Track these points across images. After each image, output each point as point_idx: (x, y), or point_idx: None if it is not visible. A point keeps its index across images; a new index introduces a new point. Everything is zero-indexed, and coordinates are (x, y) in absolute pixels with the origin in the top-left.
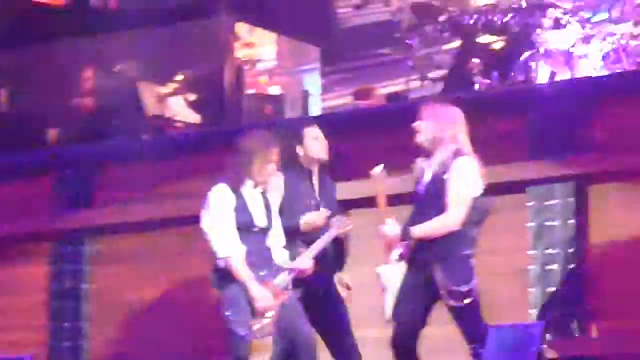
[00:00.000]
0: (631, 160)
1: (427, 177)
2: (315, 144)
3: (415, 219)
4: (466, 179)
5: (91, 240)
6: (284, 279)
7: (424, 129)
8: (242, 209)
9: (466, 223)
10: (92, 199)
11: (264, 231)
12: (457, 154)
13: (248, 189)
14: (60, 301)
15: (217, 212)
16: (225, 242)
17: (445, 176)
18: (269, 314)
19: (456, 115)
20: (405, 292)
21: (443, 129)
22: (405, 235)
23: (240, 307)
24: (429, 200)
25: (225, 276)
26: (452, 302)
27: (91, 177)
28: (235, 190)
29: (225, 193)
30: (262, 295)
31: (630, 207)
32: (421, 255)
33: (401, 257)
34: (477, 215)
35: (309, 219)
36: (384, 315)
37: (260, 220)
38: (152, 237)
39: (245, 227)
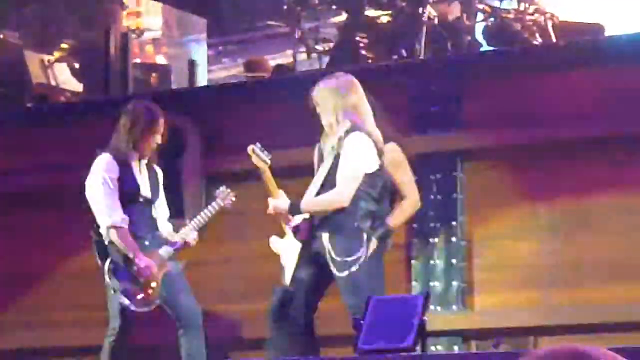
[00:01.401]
0: (513, 135)
1: (327, 155)
2: None
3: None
4: (356, 155)
5: None
6: (167, 250)
7: (324, 112)
8: (127, 179)
9: (362, 198)
10: None
11: (149, 202)
12: (350, 129)
13: (134, 160)
14: None
15: (101, 181)
16: (108, 212)
17: (341, 153)
18: (153, 284)
19: (352, 87)
20: (300, 262)
21: (340, 107)
22: (292, 210)
23: (123, 277)
24: (331, 178)
25: (107, 246)
26: (336, 273)
27: None
28: (121, 160)
29: (109, 163)
30: (146, 264)
31: (512, 182)
32: (314, 228)
33: (295, 230)
34: (376, 190)
35: None
36: (283, 282)
37: (145, 191)
38: (34, 208)
39: (131, 198)
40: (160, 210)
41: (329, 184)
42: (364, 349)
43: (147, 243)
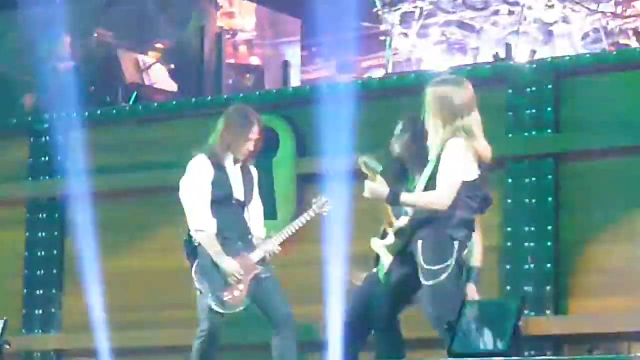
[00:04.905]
0: (609, 138)
1: (432, 157)
2: None
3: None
4: (455, 161)
5: (65, 208)
6: (258, 253)
7: (432, 114)
8: (221, 181)
9: (459, 207)
10: (68, 166)
11: (242, 205)
12: (453, 135)
13: (229, 162)
14: (34, 268)
15: (194, 183)
16: (198, 215)
17: (440, 157)
18: (240, 286)
19: (453, 93)
20: (394, 263)
21: (440, 111)
22: (391, 198)
23: (210, 278)
24: (432, 183)
25: (196, 248)
26: (423, 281)
27: (67, 144)
28: (215, 162)
29: (203, 164)
30: (232, 267)
31: (607, 186)
32: (412, 232)
33: (397, 232)
34: (475, 201)
35: None
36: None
37: (238, 194)
38: (129, 206)
39: (223, 200)
40: (255, 212)
41: (430, 188)
42: (458, 352)
43: (237, 246)
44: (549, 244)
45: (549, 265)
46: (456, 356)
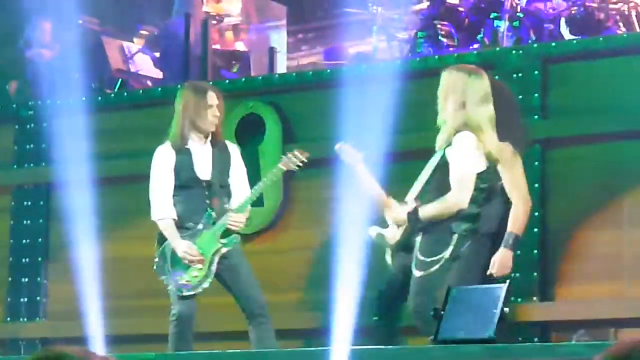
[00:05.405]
0: (596, 124)
1: (438, 148)
2: None
3: (426, 199)
4: (464, 158)
5: (50, 196)
6: (219, 227)
7: (440, 100)
8: (184, 165)
9: None
10: (53, 154)
11: (210, 184)
12: (461, 127)
13: (195, 142)
14: (19, 256)
15: (154, 173)
16: (157, 204)
17: (448, 153)
18: (199, 266)
19: (467, 83)
20: (395, 253)
21: (452, 100)
22: (411, 219)
23: (169, 264)
24: (438, 176)
25: (161, 236)
26: (413, 270)
27: (53, 131)
28: (178, 147)
29: (164, 152)
30: (180, 248)
31: (594, 172)
32: (413, 224)
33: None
34: (481, 194)
35: None
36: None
37: (204, 175)
38: (114, 193)
39: (188, 184)
40: (235, 188)
41: (435, 181)
42: (444, 339)
43: (200, 227)
44: (535, 230)
45: (535, 251)
46: (442, 343)
